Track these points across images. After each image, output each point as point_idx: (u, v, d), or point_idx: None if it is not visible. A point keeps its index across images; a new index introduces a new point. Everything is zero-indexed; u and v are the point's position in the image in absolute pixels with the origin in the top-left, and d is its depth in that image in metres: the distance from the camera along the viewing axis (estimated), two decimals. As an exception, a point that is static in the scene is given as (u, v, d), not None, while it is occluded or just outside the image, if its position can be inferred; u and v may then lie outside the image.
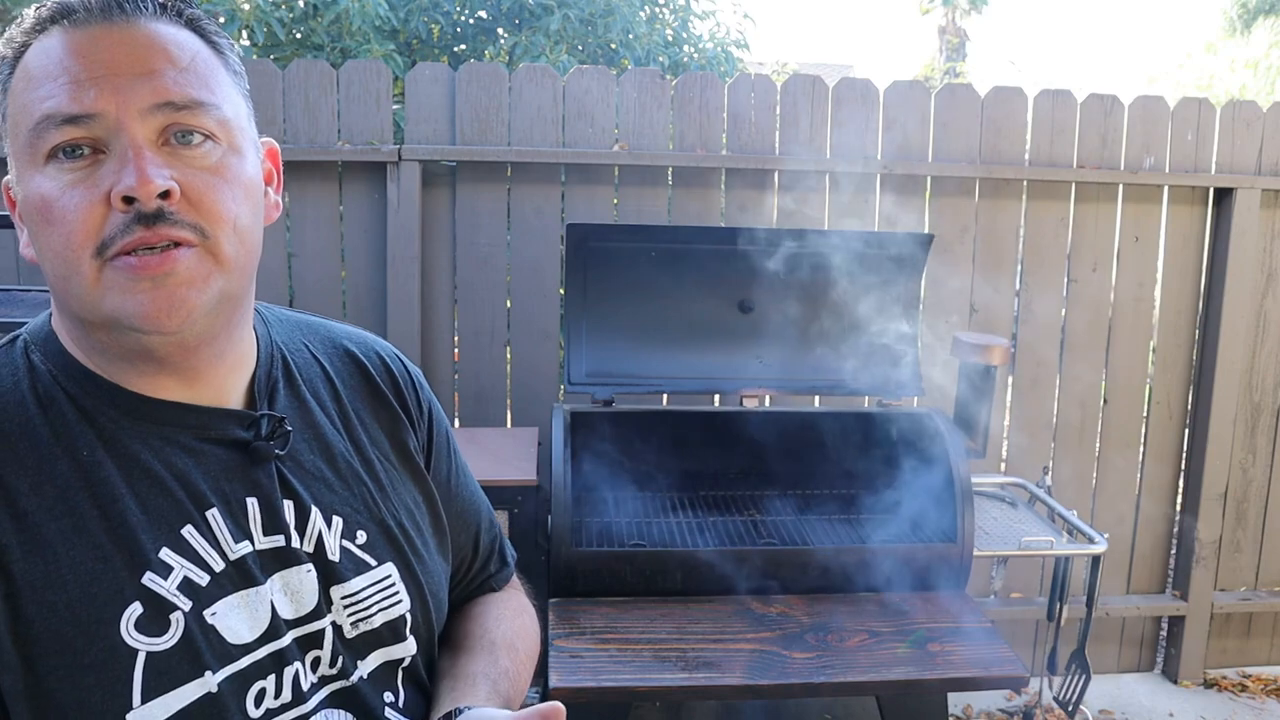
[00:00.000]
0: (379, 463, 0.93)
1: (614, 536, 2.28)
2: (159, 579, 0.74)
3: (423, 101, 2.78)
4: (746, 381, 2.53)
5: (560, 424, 2.24)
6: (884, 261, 2.48)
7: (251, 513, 0.81)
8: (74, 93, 0.71)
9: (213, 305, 0.76)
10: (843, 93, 2.91)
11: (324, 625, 0.83)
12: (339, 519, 0.87)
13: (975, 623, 2.08)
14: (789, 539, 2.30)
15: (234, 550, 0.79)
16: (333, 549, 0.85)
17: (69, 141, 0.71)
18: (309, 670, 0.82)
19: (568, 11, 4.97)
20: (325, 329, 0.99)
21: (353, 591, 0.86)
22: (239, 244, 0.77)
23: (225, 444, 0.81)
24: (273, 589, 0.81)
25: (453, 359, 2.93)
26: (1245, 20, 12.72)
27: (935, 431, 2.32)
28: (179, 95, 0.74)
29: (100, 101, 0.71)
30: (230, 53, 0.81)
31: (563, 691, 1.80)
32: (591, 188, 2.87)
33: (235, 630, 0.77)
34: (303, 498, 0.85)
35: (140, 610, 0.73)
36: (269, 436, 0.83)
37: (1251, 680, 3.28)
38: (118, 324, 0.74)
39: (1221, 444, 3.15)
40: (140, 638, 0.72)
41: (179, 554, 0.76)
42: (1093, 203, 3.05)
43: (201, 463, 0.80)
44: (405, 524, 0.93)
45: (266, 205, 0.85)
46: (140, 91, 0.72)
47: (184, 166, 0.74)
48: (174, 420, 0.80)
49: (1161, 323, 3.17)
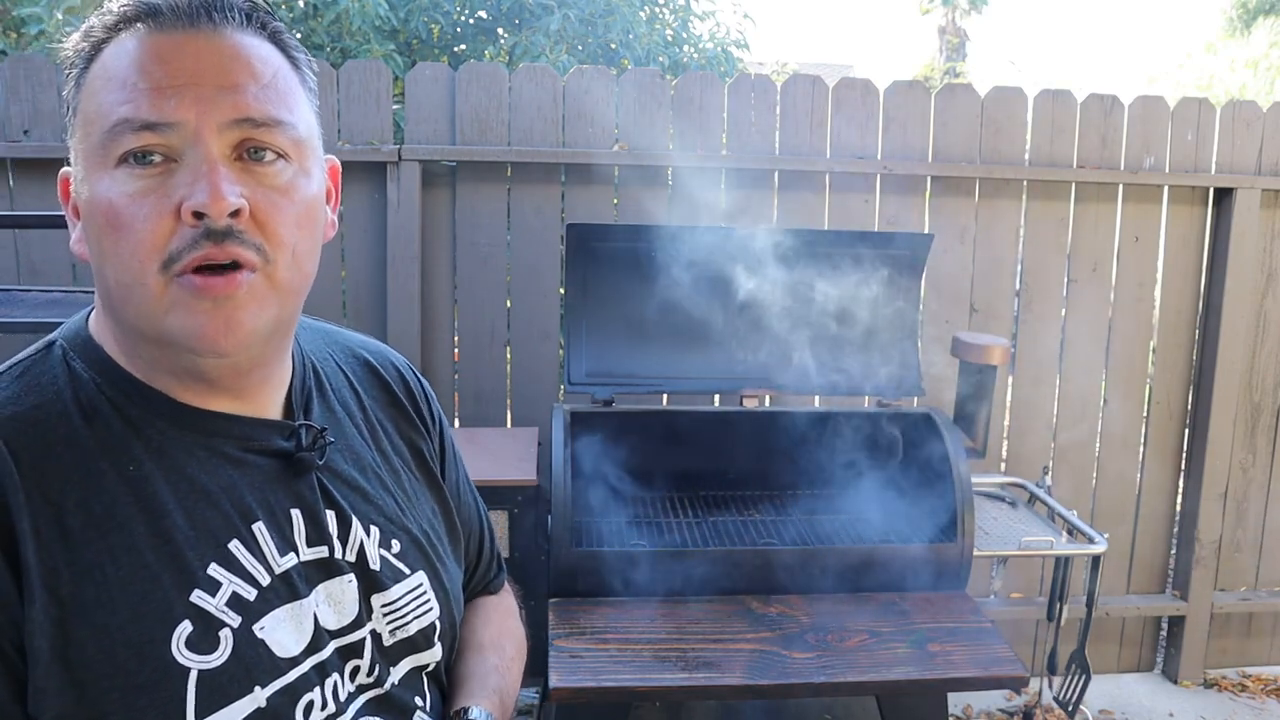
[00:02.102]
0: (403, 472, 0.94)
1: (614, 536, 2.28)
2: (207, 596, 0.73)
3: (423, 101, 2.78)
4: (746, 381, 2.53)
5: (560, 424, 2.24)
6: (884, 261, 2.48)
7: (296, 524, 0.81)
8: (155, 99, 0.70)
9: (268, 331, 0.76)
10: (842, 93, 2.91)
11: (364, 635, 0.84)
12: (376, 528, 0.87)
13: (975, 623, 2.07)
14: (789, 539, 2.30)
15: (280, 563, 0.78)
16: (374, 558, 0.86)
17: (143, 147, 0.70)
18: (347, 680, 0.82)
19: (568, 11, 4.97)
20: (343, 338, 1.00)
21: (392, 600, 0.87)
22: (296, 270, 0.76)
23: (268, 454, 0.81)
24: (317, 600, 0.81)
25: (453, 359, 2.93)
26: (1245, 20, 12.72)
27: (935, 431, 2.32)
28: (259, 112, 0.72)
29: (180, 111, 0.70)
30: (307, 69, 0.81)
31: (563, 691, 1.80)
32: (591, 188, 2.87)
33: (283, 644, 0.77)
34: (344, 507, 0.85)
35: (190, 629, 0.72)
36: (309, 447, 0.83)
37: (1251, 680, 3.28)
38: (175, 342, 0.73)
39: (1221, 444, 3.15)
40: (191, 656, 0.71)
41: (227, 569, 0.75)
42: (1093, 203, 3.05)
43: (246, 474, 0.79)
44: (429, 532, 0.94)
45: (325, 225, 0.84)
46: (222, 105, 0.71)
47: (255, 184, 0.73)
48: (220, 431, 0.78)
49: (1161, 323, 3.17)
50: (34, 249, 2.73)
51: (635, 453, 2.39)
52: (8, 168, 2.71)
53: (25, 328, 1.99)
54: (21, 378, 0.75)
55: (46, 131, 2.68)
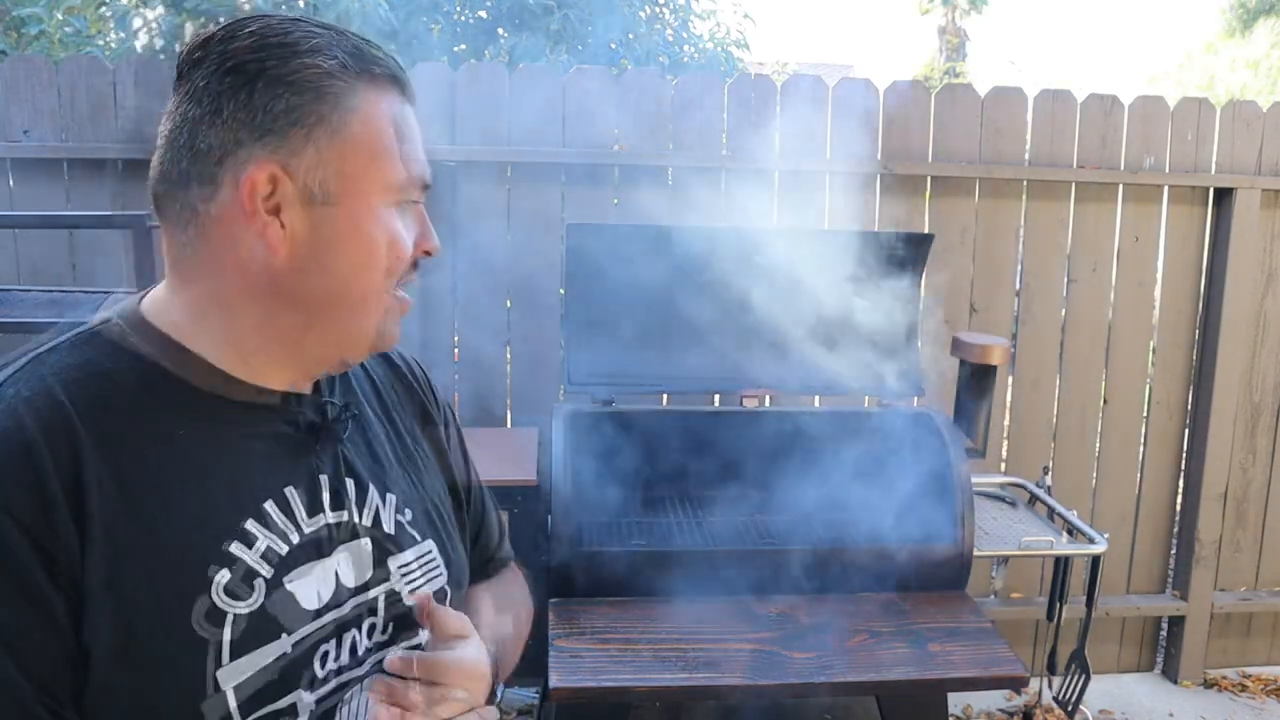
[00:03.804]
0: (415, 450, 1.03)
1: (614, 536, 2.28)
2: (245, 548, 0.81)
3: (423, 101, 2.77)
4: (746, 381, 2.53)
5: (560, 424, 2.24)
6: (884, 261, 2.48)
7: (322, 490, 0.89)
8: (427, 167, 0.89)
9: None
10: (843, 93, 2.91)
11: (379, 594, 0.91)
12: (392, 496, 0.95)
13: (975, 623, 2.07)
14: (789, 539, 2.30)
15: (308, 524, 0.86)
16: (389, 523, 0.94)
17: (416, 200, 0.89)
18: (365, 636, 0.90)
19: (568, 11, 4.97)
20: None
21: (407, 562, 0.94)
22: None
23: (301, 427, 0.89)
24: (339, 560, 0.89)
25: (453, 359, 2.93)
26: (1245, 20, 12.72)
27: (935, 431, 2.32)
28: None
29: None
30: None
31: (563, 691, 1.80)
32: (591, 188, 2.87)
33: (307, 597, 0.84)
34: (362, 476, 0.93)
35: (228, 576, 0.79)
36: (335, 420, 0.91)
37: (1251, 680, 3.28)
38: (370, 344, 0.89)
39: (1221, 444, 3.15)
40: (229, 600, 0.79)
41: (262, 526, 0.83)
42: (1093, 203, 3.05)
43: (281, 444, 0.87)
44: (439, 506, 1.02)
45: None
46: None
47: None
48: (264, 404, 0.86)
49: (1161, 323, 3.17)
50: (34, 249, 2.73)
51: (635, 453, 2.39)
52: (7, 168, 2.71)
53: (25, 328, 2.00)
54: (82, 348, 0.82)
55: (46, 131, 2.68)
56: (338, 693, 0.87)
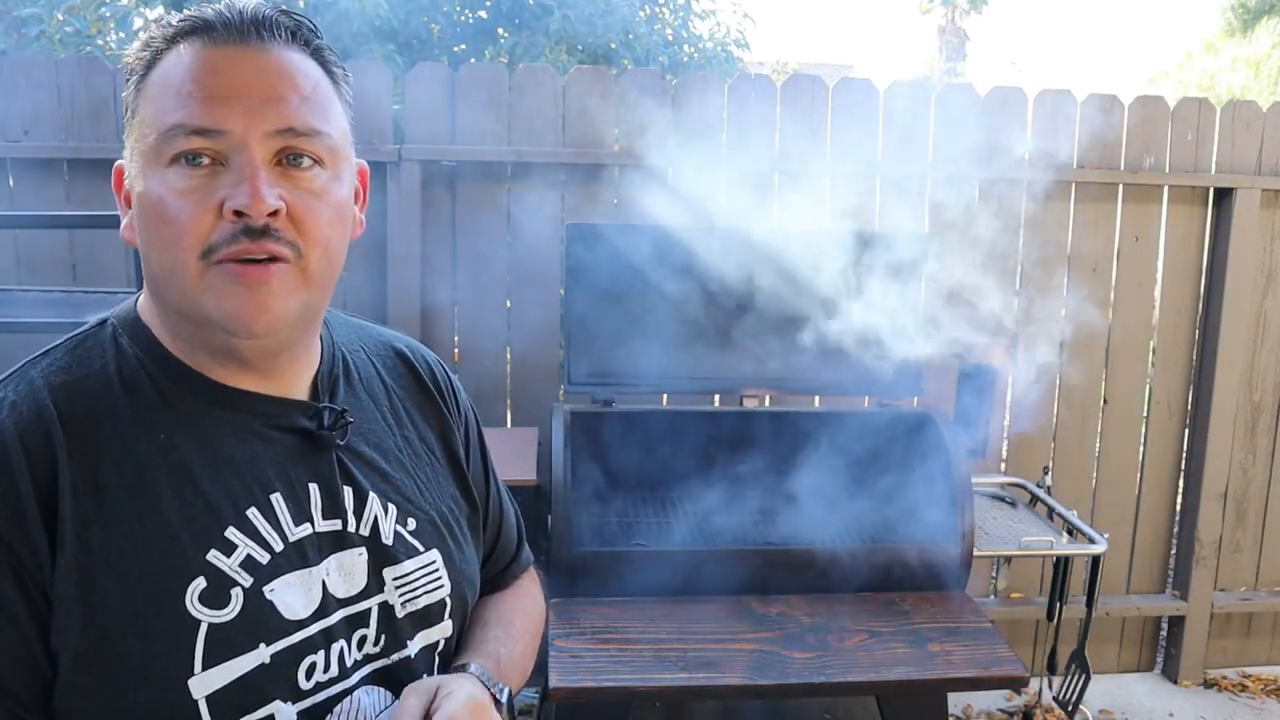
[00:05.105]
0: (426, 458, 1.00)
1: (614, 536, 2.28)
2: (223, 556, 0.80)
3: (423, 101, 2.78)
4: (746, 381, 2.53)
5: (560, 424, 2.24)
6: (884, 261, 2.48)
7: (313, 497, 0.87)
8: (206, 108, 0.77)
9: (296, 317, 0.83)
10: (843, 93, 2.91)
11: (371, 605, 0.89)
12: (393, 506, 0.93)
13: (975, 623, 2.07)
14: (789, 539, 2.30)
15: (294, 532, 0.85)
16: (387, 533, 0.91)
17: (194, 150, 0.77)
18: (354, 648, 0.88)
19: (568, 11, 4.97)
20: (377, 332, 1.08)
21: (404, 573, 0.92)
22: (327, 264, 0.83)
23: (292, 432, 0.87)
24: (327, 569, 0.86)
25: (453, 359, 2.93)
26: (1246, 20, 12.72)
27: (935, 431, 2.32)
28: (300, 123, 0.79)
29: (229, 120, 0.77)
30: (344, 83, 0.88)
31: (563, 691, 1.80)
32: (591, 188, 2.87)
33: (290, 606, 0.83)
34: (361, 485, 0.91)
35: (204, 584, 0.78)
36: (331, 427, 0.89)
37: (1251, 680, 3.28)
38: (211, 322, 0.80)
39: (1221, 444, 3.15)
40: (203, 609, 0.78)
41: (243, 533, 0.81)
42: (1093, 203, 3.05)
43: (269, 448, 0.85)
44: (447, 515, 0.99)
45: (353, 224, 0.91)
46: (267, 115, 0.78)
47: (292, 187, 0.80)
48: (248, 408, 0.85)
49: (1161, 323, 3.16)
50: (34, 249, 2.73)
51: (635, 453, 2.39)
52: (7, 168, 2.71)
53: (25, 328, 2.00)
54: (74, 350, 0.83)
55: (46, 131, 2.68)
56: (325, 705, 0.84)
